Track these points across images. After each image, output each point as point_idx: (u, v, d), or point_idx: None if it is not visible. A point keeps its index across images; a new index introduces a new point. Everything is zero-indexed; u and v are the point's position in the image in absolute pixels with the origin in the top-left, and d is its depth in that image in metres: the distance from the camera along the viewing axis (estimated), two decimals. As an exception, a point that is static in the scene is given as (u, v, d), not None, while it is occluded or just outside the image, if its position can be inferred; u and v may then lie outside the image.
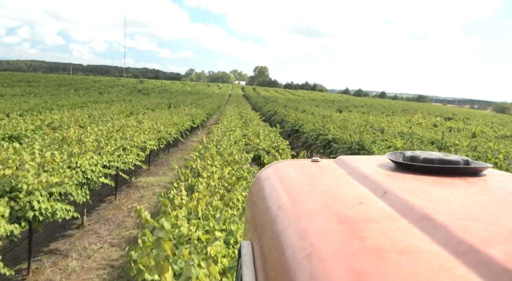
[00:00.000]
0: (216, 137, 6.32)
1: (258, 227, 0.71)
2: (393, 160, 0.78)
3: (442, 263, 0.38)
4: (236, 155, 4.29)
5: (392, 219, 0.52)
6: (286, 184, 0.78)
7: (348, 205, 0.59)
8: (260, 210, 0.74)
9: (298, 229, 0.54)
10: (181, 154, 13.81)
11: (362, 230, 0.48)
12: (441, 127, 16.96)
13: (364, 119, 17.44)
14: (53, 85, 48.41)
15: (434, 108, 47.40)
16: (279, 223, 0.59)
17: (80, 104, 16.49)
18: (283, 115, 16.95)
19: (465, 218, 0.49)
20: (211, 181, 3.11)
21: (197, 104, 23.07)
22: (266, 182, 0.84)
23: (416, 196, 0.57)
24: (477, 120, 23.53)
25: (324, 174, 0.83)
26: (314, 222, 0.54)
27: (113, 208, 7.33)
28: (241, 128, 10.30)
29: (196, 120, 15.41)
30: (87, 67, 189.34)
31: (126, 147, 5.90)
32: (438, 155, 0.73)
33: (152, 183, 9.57)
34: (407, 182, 0.67)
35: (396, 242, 0.44)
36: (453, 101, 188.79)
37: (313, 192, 0.69)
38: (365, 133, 8.39)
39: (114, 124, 8.21)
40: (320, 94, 74.81)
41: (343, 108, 30.90)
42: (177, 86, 67.46)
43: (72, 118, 9.69)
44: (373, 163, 0.83)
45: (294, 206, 0.62)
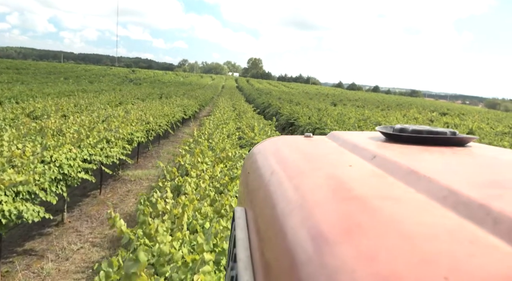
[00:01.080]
0: (207, 130, 5.89)
1: (250, 193, 0.72)
2: (383, 132, 0.80)
3: (423, 206, 0.40)
4: (229, 151, 3.87)
5: (379, 176, 0.53)
6: (279, 155, 0.79)
7: (338, 167, 0.61)
8: (253, 178, 0.75)
9: (289, 187, 0.54)
10: (172, 146, 13.35)
11: (350, 184, 0.50)
12: (437, 123, 16.71)
13: (359, 113, 17.11)
14: (42, 73, 47.29)
15: (428, 103, 47.40)
16: (271, 185, 0.60)
17: (68, 92, 15.86)
18: (278, 107, 16.53)
19: (448, 173, 0.50)
20: (201, 182, 2.70)
21: (189, 95, 22.53)
22: (260, 154, 0.86)
23: (402, 158, 0.58)
24: (473, 115, 23.36)
25: (316, 146, 0.86)
26: (305, 181, 0.55)
27: (97, 203, 6.89)
28: (234, 121, 9.88)
29: (188, 111, 14.94)
30: (78, 56, 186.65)
31: (111, 139, 5.45)
32: (426, 127, 0.76)
33: (140, 177, 9.11)
34: (395, 149, 0.69)
35: (380, 192, 0.46)
36: (445, 96, 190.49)
37: (304, 159, 0.72)
38: (364, 128, 8.01)
39: (99, 114, 7.72)
40: (314, 87, 74.49)
41: (337, 102, 30.63)
42: (170, 77, 66.50)
43: (56, 107, 9.16)
44: (364, 136, 0.87)
45: (286, 171, 0.64)
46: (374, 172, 0.55)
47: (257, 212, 0.61)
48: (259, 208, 0.60)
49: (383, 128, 0.83)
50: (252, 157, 0.88)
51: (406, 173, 0.50)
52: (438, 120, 18.78)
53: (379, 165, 0.58)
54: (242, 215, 0.71)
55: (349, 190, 0.47)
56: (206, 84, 51.06)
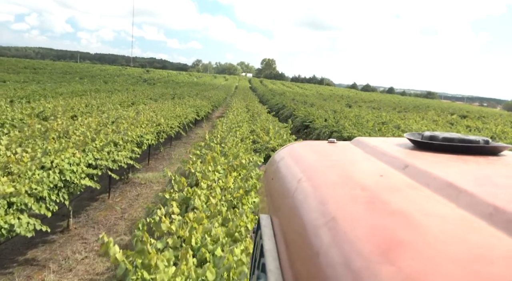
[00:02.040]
0: (220, 134, 5.57)
1: (276, 201, 0.70)
2: (412, 140, 0.77)
3: (469, 224, 0.38)
4: (243, 158, 3.53)
5: (414, 188, 0.51)
6: (304, 161, 0.78)
7: (369, 177, 0.58)
8: (278, 185, 0.73)
9: (319, 198, 0.53)
10: (184, 148, 13.09)
11: (385, 197, 0.47)
12: (458, 126, 16.08)
13: (376, 115, 16.59)
14: (58, 72, 47.87)
15: (445, 105, 46.28)
16: (299, 194, 0.59)
17: (81, 92, 15.78)
18: (292, 109, 16.15)
19: (488, 186, 0.48)
20: (211, 197, 2.37)
21: (202, 96, 22.32)
22: (283, 161, 0.84)
23: (436, 169, 0.56)
24: (495, 118, 22.53)
25: (342, 152, 0.83)
26: (336, 191, 0.53)
27: (105, 208, 6.64)
28: (248, 123, 9.55)
29: (201, 112, 14.68)
30: (94, 56, 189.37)
31: (118, 142, 5.18)
32: (457, 135, 0.73)
33: (150, 180, 8.85)
34: (427, 158, 0.66)
35: (419, 206, 0.43)
36: (461, 98, 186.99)
37: (332, 167, 0.69)
38: (385, 132, 7.58)
39: (109, 115, 7.48)
40: (328, 88, 73.71)
41: (352, 103, 30.06)
42: (184, 77, 66.66)
43: (66, 107, 8.98)
44: (391, 143, 0.84)
45: (314, 179, 0.62)
46: (408, 183, 0.53)
47: (285, 221, 0.59)
48: (288, 218, 0.58)
49: (411, 135, 0.81)
50: (276, 163, 0.86)
51: (443, 185, 0.48)
52: (458, 123, 18.10)
53: (412, 176, 0.56)
54: (268, 223, 0.69)
55: (385, 203, 0.45)
56: (220, 85, 50.92)
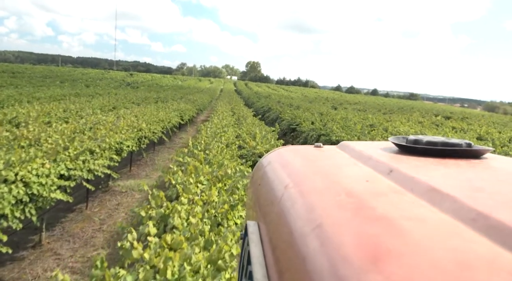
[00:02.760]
0: (204, 139, 5.28)
1: (263, 207, 0.70)
2: (397, 144, 0.78)
3: (452, 229, 0.38)
4: (228, 166, 3.26)
5: (399, 193, 0.52)
6: (291, 166, 0.78)
7: (355, 182, 0.59)
8: (265, 191, 0.73)
9: (306, 204, 0.53)
10: (167, 153, 12.70)
11: (371, 202, 0.48)
12: (443, 127, 16.12)
13: (362, 117, 16.51)
14: (38, 76, 46.59)
15: (428, 107, 46.90)
16: (285, 200, 0.59)
17: (60, 96, 15.21)
18: (278, 112, 15.93)
19: (471, 190, 0.48)
20: (192, 217, 2.08)
21: (187, 99, 21.93)
22: (270, 166, 0.83)
23: (420, 173, 0.56)
24: (478, 119, 22.80)
25: (328, 157, 0.83)
26: (323, 197, 0.53)
27: (83, 219, 6.25)
28: (233, 127, 9.26)
29: (185, 116, 14.32)
30: (76, 60, 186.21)
31: (95, 150, 4.83)
32: (441, 139, 0.74)
33: (132, 187, 8.45)
34: (411, 162, 0.67)
35: (404, 212, 0.44)
36: (443, 99, 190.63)
37: (318, 172, 0.69)
38: (376, 136, 7.40)
39: (87, 121, 7.10)
40: (313, 91, 74.05)
41: (337, 105, 30.11)
42: (168, 80, 65.92)
43: (42, 112, 8.53)
44: (376, 147, 0.83)
45: (300, 185, 0.62)
46: (393, 189, 0.54)
47: (272, 228, 0.59)
48: (274, 224, 0.58)
49: (396, 138, 0.82)
50: (262, 168, 0.86)
51: (427, 190, 0.49)
52: (443, 124, 18.20)
53: (396, 181, 0.56)
54: (255, 230, 0.68)
55: (371, 209, 0.45)
56: (205, 88, 50.47)
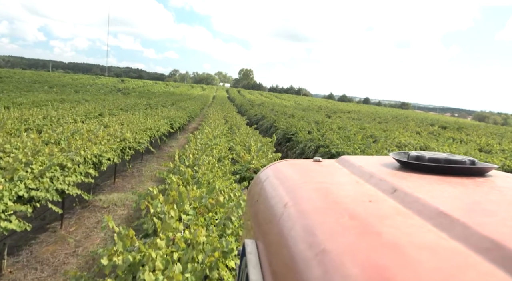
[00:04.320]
0: (193, 152, 4.67)
1: (262, 225, 0.67)
2: (398, 160, 0.76)
3: (465, 259, 0.36)
4: (220, 193, 2.65)
5: (405, 216, 0.49)
6: (291, 182, 0.75)
7: (358, 202, 0.56)
8: (263, 208, 0.71)
9: (308, 226, 0.51)
10: (156, 163, 12.00)
11: (376, 226, 0.46)
12: (442, 138, 15.71)
13: (360, 127, 16.03)
14: (26, 81, 45.55)
15: (421, 116, 46.86)
16: (286, 220, 0.56)
17: (43, 102, 14.49)
18: (273, 120, 15.36)
19: (481, 214, 0.46)
20: (170, 269, 1.47)
21: (178, 106, 21.29)
22: (268, 181, 0.81)
23: (426, 193, 0.54)
24: (476, 130, 22.49)
25: (328, 173, 0.81)
26: (325, 218, 0.51)
27: (55, 241, 5.56)
28: (226, 137, 8.66)
29: (175, 124, 13.67)
30: (68, 65, 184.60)
31: (66, 164, 4.19)
32: (444, 155, 0.71)
33: (115, 202, 7.73)
34: (415, 180, 0.64)
35: (413, 238, 0.41)
36: (434, 109, 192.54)
37: (319, 190, 0.67)
38: (381, 150, 6.84)
39: (65, 130, 6.44)
40: (306, 99, 73.85)
41: (331, 114, 29.69)
42: (160, 87, 65.17)
43: (19, 120, 7.85)
44: (377, 162, 0.81)
45: (301, 204, 0.60)
46: (399, 210, 0.51)
47: (272, 249, 0.57)
48: (275, 246, 0.55)
49: (397, 154, 0.79)
50: (260, 183, 0.82)
51: (435, 213, 0.46)
52: (441, 134, 17.81)
53: (401, 201, 0.54)
54: (253, 249, 0.66)
55: (377, 234, 0.43)
56: (197, 95, 49.84)
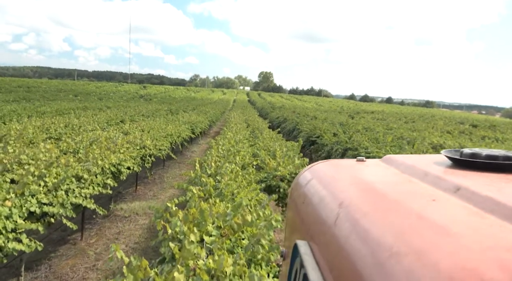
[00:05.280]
0: (215, 160, 4.38)
1: (315, 226, 0.66)
2: (451, 157, 0.72)
3: None
4: (248, 212, 2.31)
5: (478, 215, 0.46)
6: (340, 182, 0.73)
7: (420, 202, 0.54)
8: (313, 209, 0.70)
9: (373, 226, 0.49)
10: (178, 169, 11.84)
11: (450, 227, 0.43)
12: (474, 137, 14.90)
13: (386, 127, 15.42)
14: (52, 90, 46.78)
15: (447, 114, 45.27)
16: (343, 221, 0.55)
17: (67, 110, 14.63)
18: (295, 122, 14.97)
19: None
20: None
21: (199, 111, 21.20)
22: (314, 181, 0.80)
23: (494, 191, 0.50)
24: (511, 128, 21.37)
25: (376, 172, 0.78)
26: (390, 219, 0.49)
27: (75, 254, 5.38)
28: (249, 141, 8.36)
29: (197, 128, 13.50)
30: (92, 73, 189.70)
31: (82, 175, 3.98)
32: (501, 152, 0.67)
33: (136, 211, 7.54)
34: (476, 178, 0.59)
35: (494, 239, 0.39)
36: (459, 106, 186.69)
37: (373, 190, 0.64)
38: (419, 151, 6.36)
39: (83, 138, 6.30)
40: (327, 100, 72.90)
41: (354, 115, 28.97)
42: (181, 92, 65.80)
43: (40, 129, 7.80)
44: (428, 161, 0.77)
45: (358, 204, 0.58)
46: (469, 210, 0.48)
47: (331, 250, 0.55)
48: (334, 247, 0.54)
49: (448, 152, 0.76)
50: (304, 185, 0.82)
51: (510, 212, 0.43)
52: (473, 133, 16.95)
53: (468, 200, 0.50)
54: (307, 250, 0.64)
55: (454, 235, 0.40)
56: (218, 99, 49.95)
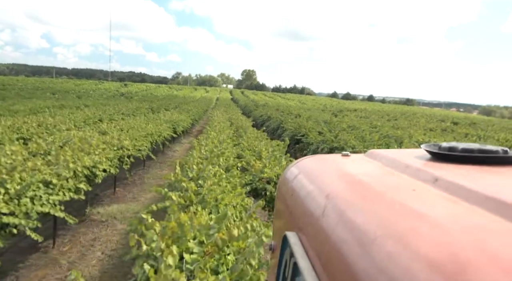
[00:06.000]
0: (197, 162, 4.08)
1: (303, 218, 0.68)
2: (430, 151, 0.75)
3: None
4: (234, 226, 2.03)
5: (454, 202, 0.48)
6: (326, 176, 0.75)
7: (402, 192, 0.56)
8: (301, 202, 0.72)
9: (358, 215, 0.50)
10: (159, 169, 11.44)
11: (430, 212, 0.45)
12: (456, 134, 15.02)
13: (370, 125, 15.39)
14: (29, 88, 45.30)
15: (428, 112, 46.02)
16: (331, 211, 0.56)
17: (41, 109, 14.01)
18: (280, 121, 14.75)
19: None
20: None
21: (181, 109, 20.76)
22: (302, 175, 0.81)
23: (468, 181, 0.53)
24: (491, 125, 21.74)
25: (361, 166, 0.80)
26: (374, 207, 0.50)
27: (46, 263, 4.98)
28: (232, 140, 8.07)
29: (179, 127, 13.12)
30: (71, 71, 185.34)
31: (51, 180, 3.63)
32: (476, 145, 0.71)
33: (114, 215, 7.13)
34: (453, 170, 0.63)
35: (468, 222, 0.41)
36: (438, 104, 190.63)
37: (358, 182, 0.66)
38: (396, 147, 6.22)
39: (55, 138, 5.90)
40: (310, 98, 73.20)
41: (337, 113, 29.03)
42: (163, 90, 64.80)
43: (11, 129, 7.32)
44: (409, 154, 0.81)
45: (344, 195, 0.60)
46: (446, 198, 0.50)
47: (319, 239, 0.56)
48: (322, 235, 0.55)
49: (428, 146, 0.80)
50: (291, 179, 0.84)
51: (482, 199, 0.46)
52: (454, 130, 17.12)
53: (445, 189, 0.53)
54: (296, 241, 0.66)
55: (432, 221, 0.42)
56: (200, 97, 49.38)
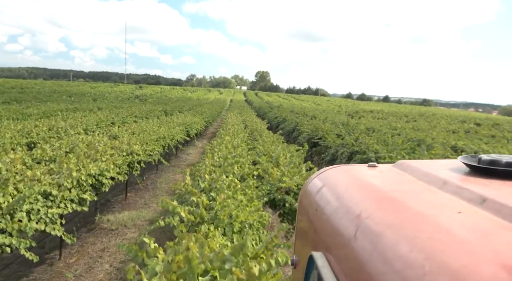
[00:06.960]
0: (209, 170, 3.73)
1: (330, 237, 0.63)
2: (469, 164, 0.69)
3: None
4: (254, 263, 1.67)
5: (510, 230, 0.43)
6: (354, 191, 0.70)
7: (445, 214, 0.52)
8: (327, 219, 0.67)
9: (399, 242, 0.46)
10: (172, 173, 11.18)
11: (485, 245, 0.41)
12: (480, 136, 14.33)
13: (390, 127, 14.83)
14: (46, 91, 45.96)
15: (446, 113, 44.85)
16: (365, 234, 0.52)
17: (54, 112, 13.94)
18: (295, 123, 14.34)
19: None
20: None
21: (195, 111, 20.54)
22: (326, 189, 0.76)
23: None
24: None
25: (391, 180, 0.76)
26: (417, 233, 0.47)
27: (51, 277, 4.69)
28: (247, 144, 7.71)
29: (192, 130, 12.84)
30: (88, 74, 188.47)
31: (51, 192, 3.33)
32: None
33: (125, 223, 6.84)
34: (500, 188, 0.57)
35: None
36: (456, 104, 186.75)
37: (392, 200, 0.61)
38: (439, 156, 5.74)
39: (62, 144, 5.65)
40: (324, 99, 72.38)
41: (353, 114, 28.39)
42: (177, 92, 65.04)
43: (20, 133, 7.12)
44: (443, 167, 0.75)
45: (378, 215, 0.55)
46: (500, 224, 0.44)
47: (352, 264, 0.51)
48: (357, 261, 0.50)
49: (465, 158, 0.74)
50: (316, 192, 0.79)
51: None
52: (478, 132, 16.40)
53: (497, 213, 0.47)
54: (324, 263, 0.59)
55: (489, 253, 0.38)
56: (214, 99, 49.27)
